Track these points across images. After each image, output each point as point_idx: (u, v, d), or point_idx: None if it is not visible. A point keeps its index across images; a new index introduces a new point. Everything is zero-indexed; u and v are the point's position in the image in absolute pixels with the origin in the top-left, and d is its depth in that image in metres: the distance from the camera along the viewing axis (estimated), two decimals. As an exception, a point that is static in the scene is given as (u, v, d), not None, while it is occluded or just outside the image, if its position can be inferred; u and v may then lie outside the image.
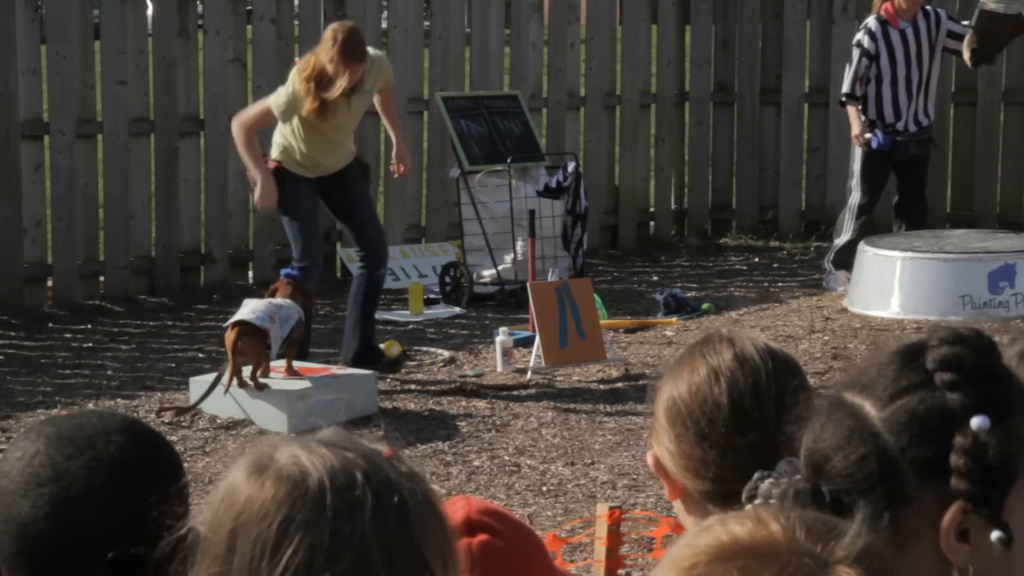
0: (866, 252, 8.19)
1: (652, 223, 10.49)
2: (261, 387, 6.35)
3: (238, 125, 6.80)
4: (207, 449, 6.10)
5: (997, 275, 7.84)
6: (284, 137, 6.86)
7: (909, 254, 8.01)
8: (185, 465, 5.74)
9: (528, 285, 7.44)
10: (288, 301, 6.50)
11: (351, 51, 6.42)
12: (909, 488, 1.39)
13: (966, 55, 8.39)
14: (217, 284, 9.01)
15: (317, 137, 6.78)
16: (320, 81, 6.46)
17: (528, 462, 5.92)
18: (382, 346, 7.38)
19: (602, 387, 6.91)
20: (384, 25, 9.93)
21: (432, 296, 8.73)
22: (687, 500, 1.90)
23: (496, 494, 5.57)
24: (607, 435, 6.24)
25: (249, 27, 9.32)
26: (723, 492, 1.83)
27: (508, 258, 8.89)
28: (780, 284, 9.08)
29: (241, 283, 9.13)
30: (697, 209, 10.52)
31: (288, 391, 6.36)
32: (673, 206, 10.53)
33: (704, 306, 8.39)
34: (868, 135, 8.54)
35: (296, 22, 9.55)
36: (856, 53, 8.64)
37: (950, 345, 1.43)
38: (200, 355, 7.63)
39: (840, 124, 10.32)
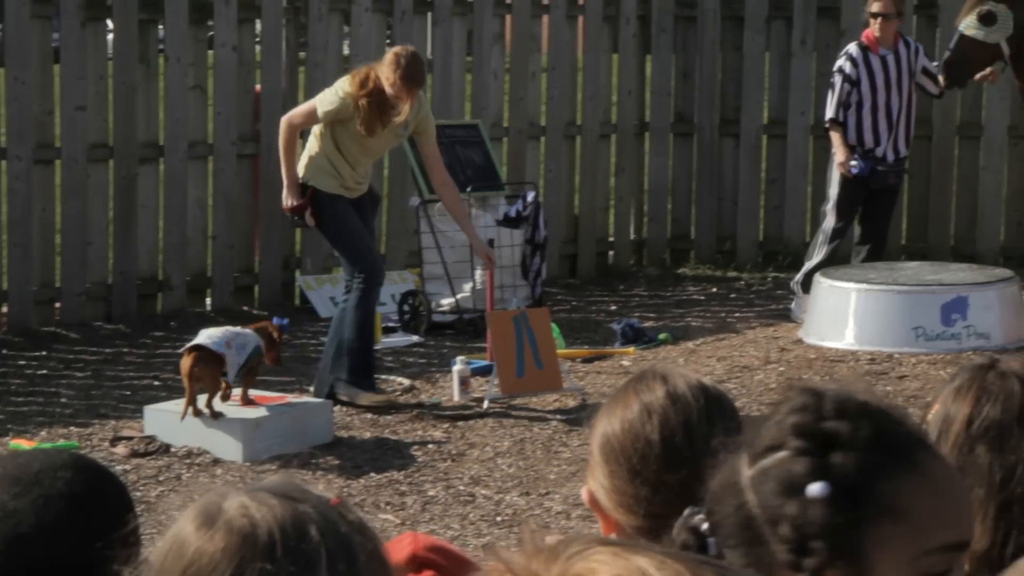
0: (821, 284, 8.25)
1: (611, 252, 10.54)
2: (216, 415, 6.34)
3: (284, 122, 6.96)
4: (160, 478, 6.07)
5: (950, 307, 7.90)
6: (312, 154, 6.89)
7: (864, 286, 8.07)
8: (138, 494, 5.67)
9: (486, 314, 7.46)
10: (248, 330, 6.49)
11: (413, 76, 6.57)
12: (766, 546, 1.41)
13: (941, 77, 8.56)
14: (174, 311, 8.98)
15: (344, 156, 6.88)
16: (378, 99, 6.56)
17: (483, 492, 5.92)
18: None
19: (559, 417, 6.92)
20: (346, 52, 9.96)
21: (391, 324, 8.74)
22: (621, 535, 1.92)
23: (450, 524, 5.58)
24: (563, 465, 6.25)
25: (211, 52, 9.33)
26: (655, 528, 1.85)
27: (467, 287, 8.91)
28: (737, 314, 9.13)
29: (199, 310, 9.10)
30: (656, 239, 10.57)
31: (243, 420, 6.35)
32: (632, 236, 10.58)
33: (661, 336, 8.42)
34: (853, 162, 8.61)
35: (258, 48, 9.56)
36: (838, 79, 8.75)
37: (800, 412, 1.45)
38: (156, 383, 7.61)
39: (797, 155, 10.41)
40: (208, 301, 9.22)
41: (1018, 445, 1.83)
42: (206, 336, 6.31)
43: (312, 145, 6.95)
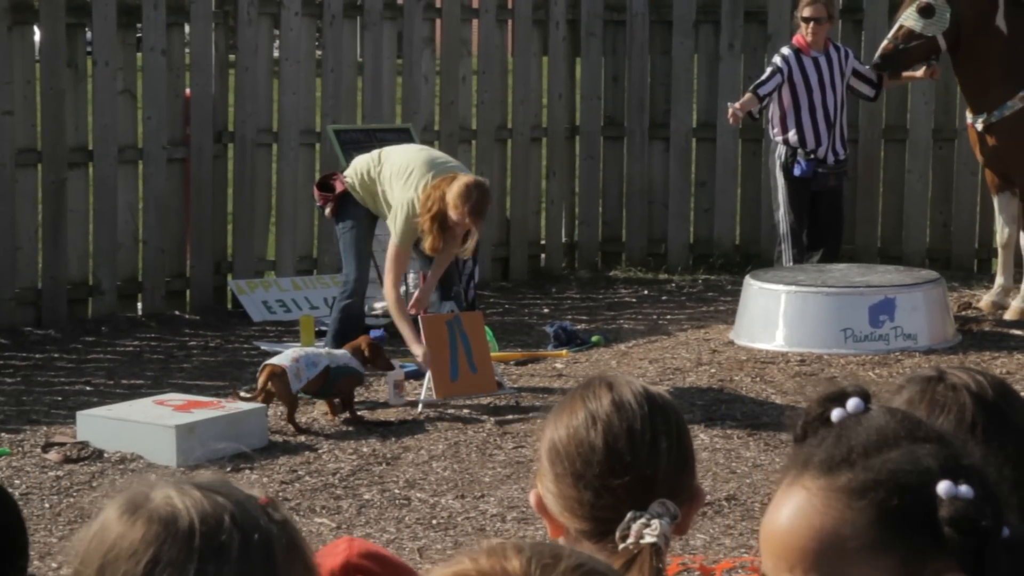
0: (751, 286, 8.33)
1: (543, 255, 10.58)
2: (299, 429, 6.70)
3: (387, 292, 7.22)
4: (94, 484, 6.04)
5: (877, 309, 8.01)
6: (368, 183, 7.25)
7: (793, 288, 8.16)
8: (71, 500, 5.63)
9: (419, 318, 7.48)
10: (320, 351, 6.82)
11: (481, 211, 7.01)
12: None
13: (875, 58, 8.76)
14: (105, 316, 8.92)
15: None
16: (442, 222, 6.96)
17: (418, 495, 5.94)
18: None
19: (492, 420, 6.95)
20: (276, 55, 9.93)
21: (324, 328, 8.71)
22: (567, 539, 1.96)
23: (386, 528, 5.59)
24: (497, 468, 6.28)
25: (139, 54, 9.27)
26: (599, 531, 1.89)
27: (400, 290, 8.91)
28: (668, 316, 9.20)
29: (130, 315, 9.05)
30: (587, 242, 10.63)
31: (177, 424, 6.33)
32: (564, 239, 10.63)
33: (594, 339, 8.47)
34: (735, 108, 8.72)
35: (187, 51, 9.52)
36: (770, 68, 9.05)
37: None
38: (88, 388, 7.56)
39: (727, 158, 10.52)
40: (139, 306, 9.17)
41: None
42: (281, 355, 6.80)
43: (373, 182, 7.24)
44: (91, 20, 8.91)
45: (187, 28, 9.42)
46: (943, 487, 1.36)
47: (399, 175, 7.11)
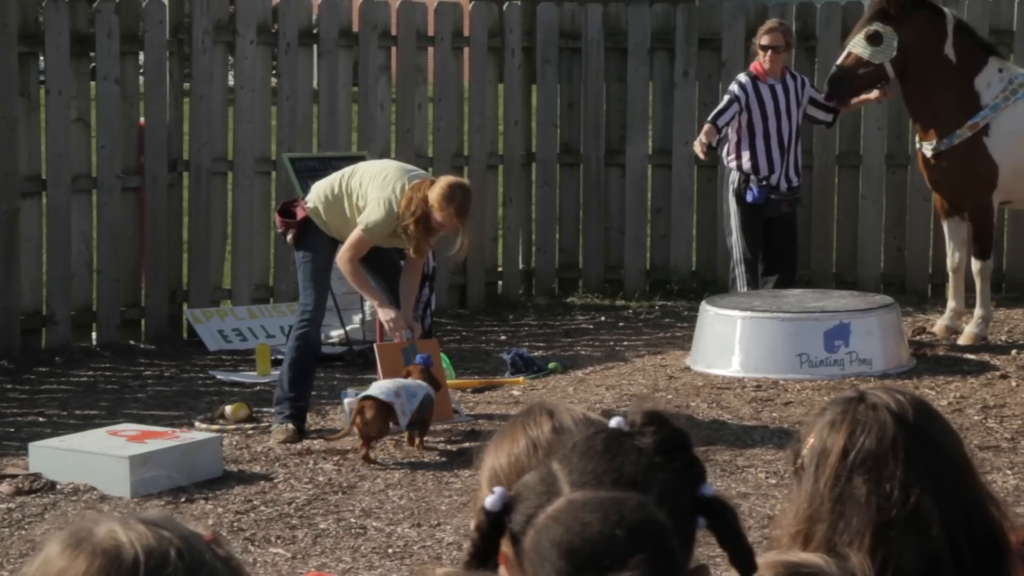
0: (707, 312, 8.36)
1: (500, 282, 10.59)
2: (370, 461, 6.59)
3: (344, 263, 7.04)
4: (46, 516, 5.98)
5: (832, 334, 8.05)
6: (332, 203, 7.11)
7: (748, 313, 8.19)
8: (23, 533, 5.60)
9: (375, 346, 7.46)
10: (416, 381, 6.72)
11: (466, 210, 7.00)
12: None
13: (825, 86, 8.83)
14: (59, 346, 8.86)
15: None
16: (427, 225, 6.91)
17: (374, 524, 5.91)
18: (228, 408, 7.34)
19: (449, 447, 6.93)
20: (231, 83, 9.91)
21: (280, 357, 8.67)
22: (508, 566, 1.95)
23: (342, 557, 5.56)
24: (454, 496, 6.26)
25: (93, 83, 9.23)
26: None
27: (356, 318, 8.90)
28: (625, 343, 9.22)
29: (84, 345, 8.99)
30: (544, 268, 10.65)
31: (131, 455, 6.28)
32: (520, 265, 10.64)
33: (551, 365, 8.47)
34: (702, 142, 8.76)
35: (141, 80, 9.49)
36: (726, 97, 9.06)
37: None
38: (41, 419, 7.49)
39: (682, 184, 10.56)
40: (94, 335, 9.11)
41: (893, 473, 1.90)
42: (376, 387, 6.61)
43: (340, 199, 7.09)
44: (44, 49, 8.87)
45: (141, 56, 9.40)
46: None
47: (374, 179, 7.05)
